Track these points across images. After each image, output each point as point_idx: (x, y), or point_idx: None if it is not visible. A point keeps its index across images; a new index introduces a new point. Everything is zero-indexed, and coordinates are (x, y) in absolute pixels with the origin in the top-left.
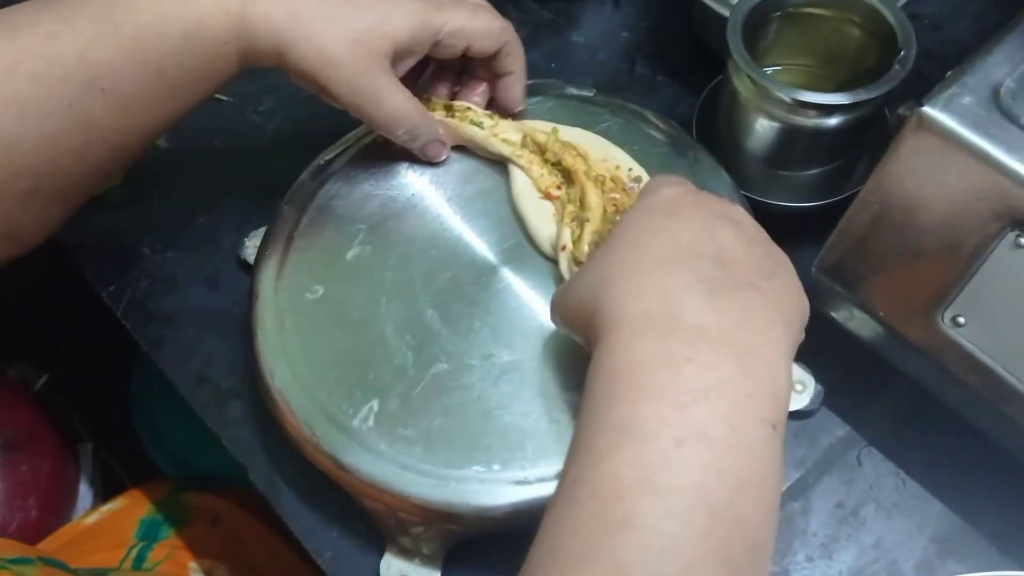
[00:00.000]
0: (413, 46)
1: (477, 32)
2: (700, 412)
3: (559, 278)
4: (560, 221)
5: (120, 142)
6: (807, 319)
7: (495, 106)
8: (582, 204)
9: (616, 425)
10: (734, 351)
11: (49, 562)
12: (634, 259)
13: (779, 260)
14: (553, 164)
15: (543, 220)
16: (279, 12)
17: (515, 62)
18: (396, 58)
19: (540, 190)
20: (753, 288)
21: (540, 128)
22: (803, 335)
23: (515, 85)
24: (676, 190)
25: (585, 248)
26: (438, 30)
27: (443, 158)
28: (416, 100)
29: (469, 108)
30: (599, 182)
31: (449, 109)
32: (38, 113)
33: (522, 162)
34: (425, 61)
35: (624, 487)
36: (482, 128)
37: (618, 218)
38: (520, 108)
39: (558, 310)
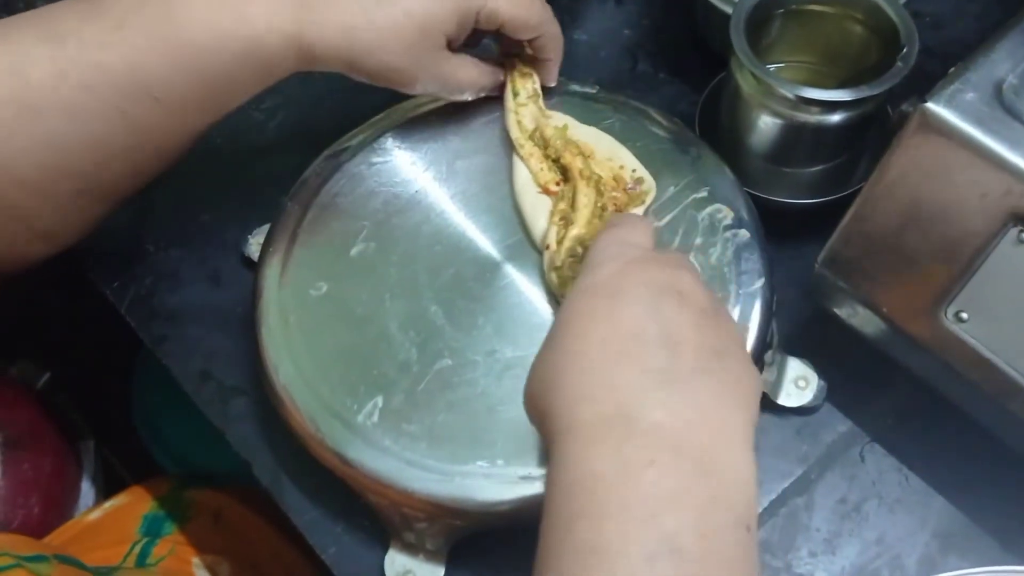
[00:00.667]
0: (461, 32)
1: (510, 19)
2: (667, 523)
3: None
4: (551, 218)
5: (169, 145)
6: (760, 395)
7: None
8: (573, 204)
9: (581, 547)
10: (694, 449)
11: (64, 559)
12: (579, 352)
13: (728, 333)
14: (553, 160)
15: (539, 215)
16: (333, 33)
17: (548, 52)
18: (451, 41)
19: (539, 185)
20: (706, 374)
21: (555, 122)
22: (758, 415)
23: (547, 71)
24: (616, 266)
25: (563, 253)
26: (477, 11)
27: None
28: (479, 64)
29: (526, 71)
30: (595, 182)
31: (514, 63)
32: (88, 119)
33: (523, 153)
34: None
35: None
36: (515, 98)
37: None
38: (553, 84)
39: (524, 401)
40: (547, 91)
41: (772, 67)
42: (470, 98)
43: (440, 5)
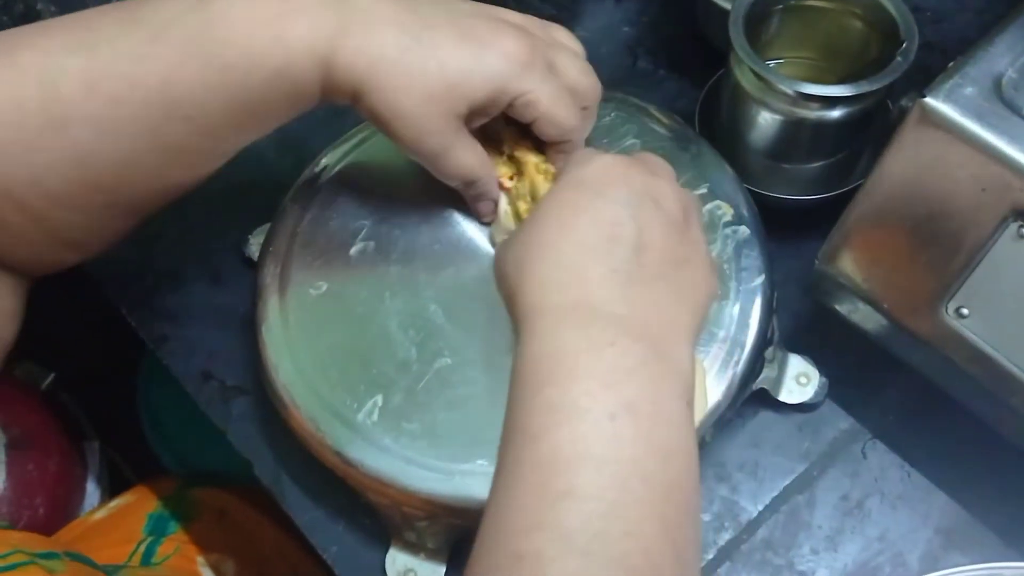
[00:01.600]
0: (489, 108)
1: (545, 116)
2: (627, 390)
3: None
4: (513, 215)
5: (198, 163)
6: (714, 299)
7: None
8: (533, 199)
9: (549, 406)
10: (648, 338)
11: (75, 556)
12: (555, 241)
13: (692, 242)
14: (509, 157)
15: (502, 214)
16: (362, 61)
17: (568, 150)
18: (471, 116)
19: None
20: (663, 280)
21: None
22: (706, 314)
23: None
24: (605, 162)
25: None
26: (513, 98)
27: (489, 219)
28: (482, 155)
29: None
30: (550, 176)
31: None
32: (116, 133)
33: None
34: None
35: (564, 461)
36: None
37: None
38: None
39: (495, 275)
40: None
41: (772, 63)
42: (456, 186)
43: (479, 73)
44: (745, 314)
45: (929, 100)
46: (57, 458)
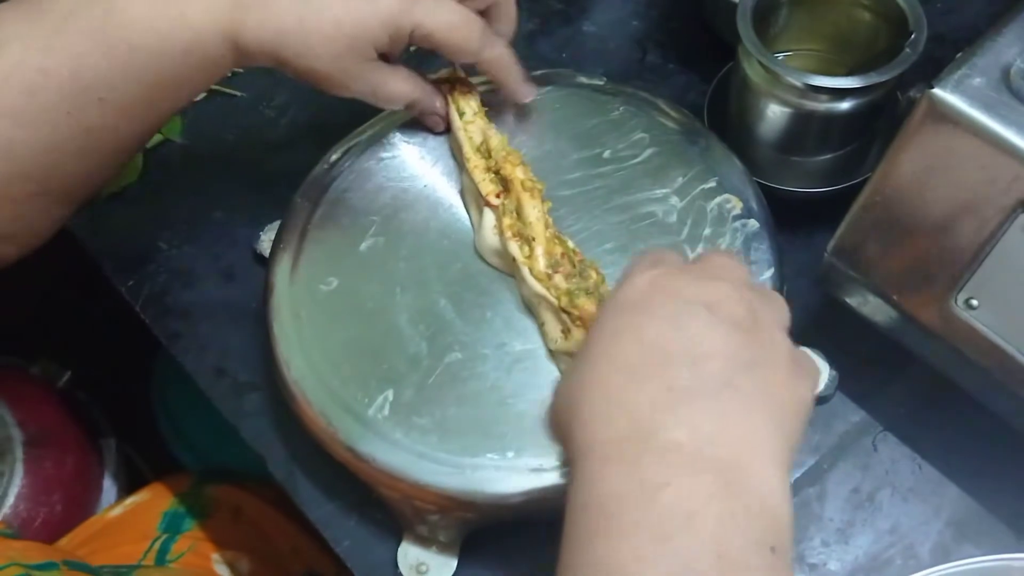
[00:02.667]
0: (394, 46)
1: (444, 42)
2: (683, 544)
3: (528, 295)
4: (500, 232)
5: (121, 144)
6: (808, 408)
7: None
8: (519, 216)
9: (597, 566)
10: (714, 467)
11: (74, 565)
12: (601, 373)
13: (767, 344)
14: (495, 172)
15: (487, 229)
16: (268, 36)
17: (494, 75)
18: (390, 48)
19: (482, 195)
20: (730, 388)
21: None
22: (803, 431)
23: (507, 91)
24: (649, 276)
25: (542, 267)
26: (410, 29)
27: (440, 129)
28: (413, 76)
29: (466, 89)
30: (538, 192)
31: (453, 83)
32: (35, 122)
33: (469, 166)
34: None
35: None
36: (461, 117)
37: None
38: (526, 100)
39: (547, 426)
40: (554, 84)
41: (780, 56)
42: (400, 108)
43: (372, 17)
44: None
45: (937, 91)
46: (74, 456)
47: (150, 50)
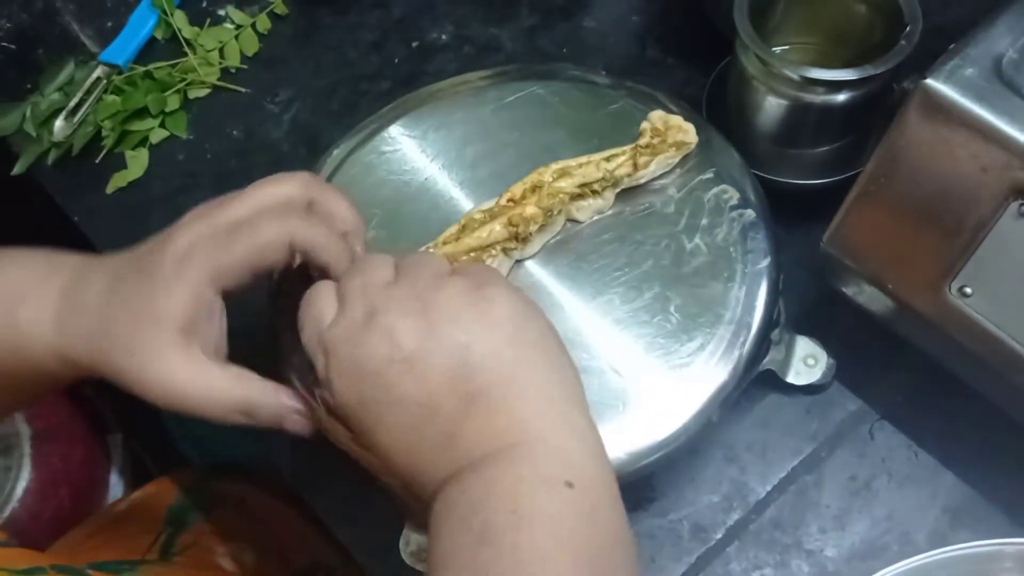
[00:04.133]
0: (207, 313)
1: (248, 263)
2: (482, 519)
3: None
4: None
5: None
6: (514, 314)
7: None
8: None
9: (432, 570)
10: (491, 457)
11: (63, 569)
12: (391, 461)
13: (450, 321)
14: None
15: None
16: (86, 346)
17: (320, 255)
18: (201, 320)
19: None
20: (465, 399)
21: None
22: (536, 331)
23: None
24: (334, 360)
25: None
26: (217, 295)
27: (307, 433)
28: (240, 375)
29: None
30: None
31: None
32: None
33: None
34: None
35: None
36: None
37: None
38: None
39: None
40: (554, 78)
41: (778, 49)
42: (238, 420)
43: (164, 291)
44: (751, 296)
45: (930, 81)
46: (81, 451)
47: None
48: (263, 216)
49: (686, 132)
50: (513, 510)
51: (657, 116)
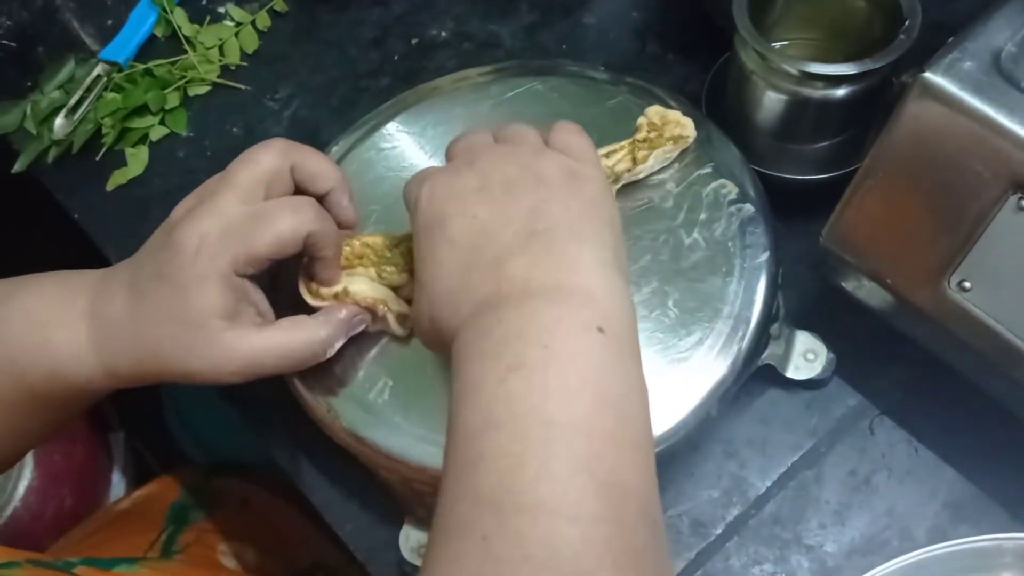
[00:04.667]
0: (242, 294)
1: (269, 253)
2: (514, 350)
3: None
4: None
5: None
6: (600, 196)
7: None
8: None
9: (456, 395)
10: (535, 295)
11: (39, 563)
12: (438, 287)
13: (540, 183)
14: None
15: None
16: (129, 360)
17: (323, 250)
18: (240, 302)
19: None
20: (532, 238)
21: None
22: (607, 212)
23: (328, 267)
24: (426, 194)
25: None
26: (243, 279)
27: (375, 329)
28: (295, 323)
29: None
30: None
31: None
32: None
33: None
34: None
35: (471, 434)
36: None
37: None
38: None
39: (422, 342)
40: (553, 74)
41: (777, 45)
42: (309, 362)
43: (196, 289)
44: (750, 290)
45: (928, 75)
46: (83, 449)
47: (23, 365)
48: (277, 208)
49: (684, 126)
50: (546, 344)
51: (654, 111)
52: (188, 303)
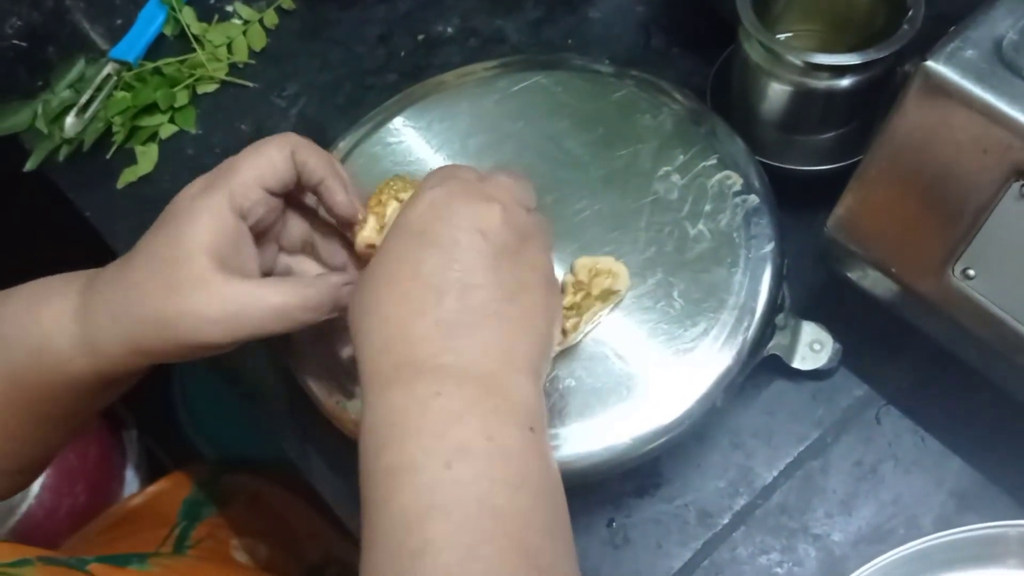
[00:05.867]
0: (235, 238)
1: (258, 177)
2: (458, 434)
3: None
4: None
5: (8, 440)
6: (555, 318)
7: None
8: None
9: (388, 470)
10: (477, 378)
11: (51, 561)
12: (382, 300)
13: (529, 266)
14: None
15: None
16: (110, 323)
17: (315, 172)
18: (232, 246)
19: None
20: (494, 317)
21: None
22: (550, 333)
23: (332, 191)
24: (430, 198)
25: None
26: (242, 210)
27: None
28: (278, 280)
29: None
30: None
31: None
32: None
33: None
34: None
35: (413, 520)
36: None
37: None
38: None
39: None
40: (559, 68)
41: (781, 36)
42: (305, 322)
43: (188, 223)
44: (755, 281)
45: (931, 64)
46: (97, 447)
47: (11, 345)
48: (267, 140)
49: (616, 277)
50: (491, 436)
51: (581, 265)
52: (180, 237)
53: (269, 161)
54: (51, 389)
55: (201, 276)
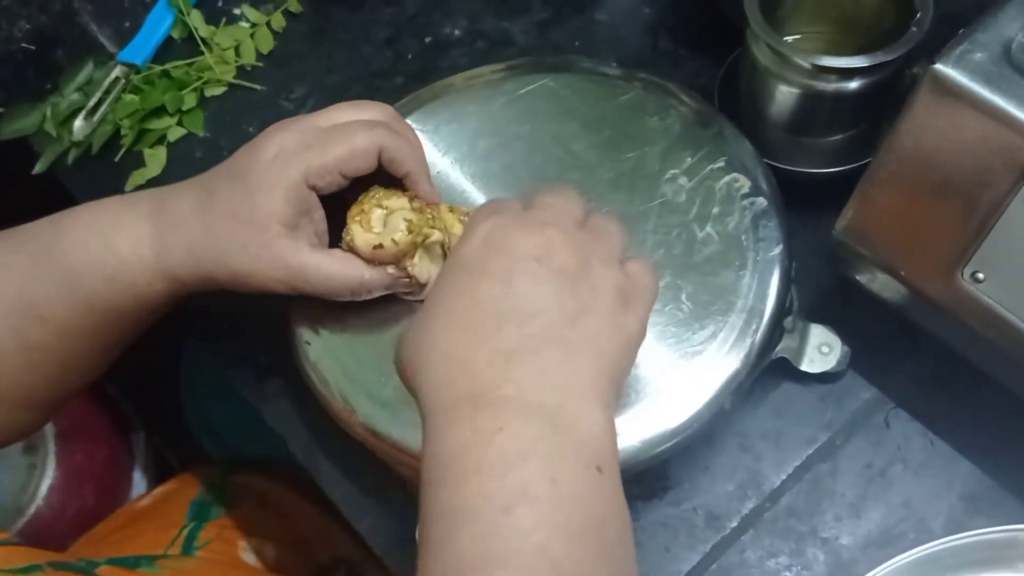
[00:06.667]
0: (306, 208)
1: (340, 164)
2: (519, 476)
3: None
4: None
5: (65, 364)
6: (635, 336)
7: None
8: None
9: (445, 511)
10: (540, 413)
11: (60, 565)
12: (442, 333)
13: (591, 290)
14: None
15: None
16: (181, 254)
17: (403, 165)
18: (302, 216)
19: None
20: (556, 343)
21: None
22: (631, 358)
23: (417, 183)
24: (483, 232)
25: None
26: (311, 184)
27: (419, 297)
28: (346, 257)
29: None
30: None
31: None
32: None
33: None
34: None
35: (467, 567)
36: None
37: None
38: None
39: (397, 371)
40: (566, 71)
41: (789, 38)
42: (349, 297)
43: (270, 200)
44: (763, 284)
45: (939, 66)
46: (105, 448)
47: (82, 274)
48: (353, 124)
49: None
50: (554, 479)
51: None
52: (255, 204)
53: (354, 153)
54: (125, 312)
55: (273, 241)
